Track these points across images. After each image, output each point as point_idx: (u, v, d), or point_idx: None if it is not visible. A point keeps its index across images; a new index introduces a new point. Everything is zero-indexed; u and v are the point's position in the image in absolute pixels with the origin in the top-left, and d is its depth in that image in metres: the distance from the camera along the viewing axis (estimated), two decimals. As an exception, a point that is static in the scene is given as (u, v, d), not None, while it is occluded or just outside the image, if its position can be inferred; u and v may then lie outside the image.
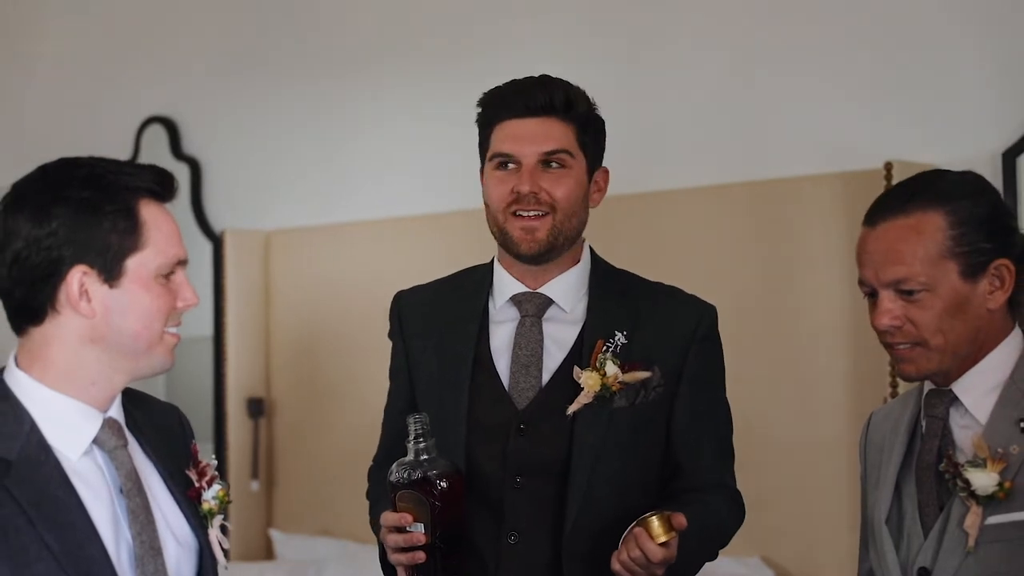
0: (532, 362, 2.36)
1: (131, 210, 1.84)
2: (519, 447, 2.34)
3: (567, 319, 2.39)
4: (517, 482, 2.34)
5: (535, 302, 2.39)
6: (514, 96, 2.38)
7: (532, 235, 2.34)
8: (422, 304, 2.49)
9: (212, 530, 1.95)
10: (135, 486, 1.85)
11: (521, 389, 2.36)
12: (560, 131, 2.36)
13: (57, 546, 1.76)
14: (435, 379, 2.40)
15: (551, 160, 2.35)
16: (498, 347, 2.39)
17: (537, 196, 2.33)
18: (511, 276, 2.41)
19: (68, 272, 1.81)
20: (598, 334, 2.35)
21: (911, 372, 2.06)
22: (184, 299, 1.90)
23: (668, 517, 2.18)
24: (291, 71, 4.90)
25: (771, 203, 3.85)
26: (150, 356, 1.88)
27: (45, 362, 1.84)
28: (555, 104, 2.35)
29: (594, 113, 2.42)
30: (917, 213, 2.02)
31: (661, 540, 2.17)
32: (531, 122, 2.36)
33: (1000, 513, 1.95)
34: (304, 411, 4.75)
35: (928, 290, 2.01)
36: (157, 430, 1.96)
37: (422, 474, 2.21)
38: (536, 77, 2.41)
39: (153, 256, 1.85)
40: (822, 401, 3.75)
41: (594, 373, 2.31)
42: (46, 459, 1.80)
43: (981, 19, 3.63)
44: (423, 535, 2.20)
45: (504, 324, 2.40)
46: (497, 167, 2.38)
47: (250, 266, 4.82)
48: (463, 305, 2.43)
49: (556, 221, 2.34)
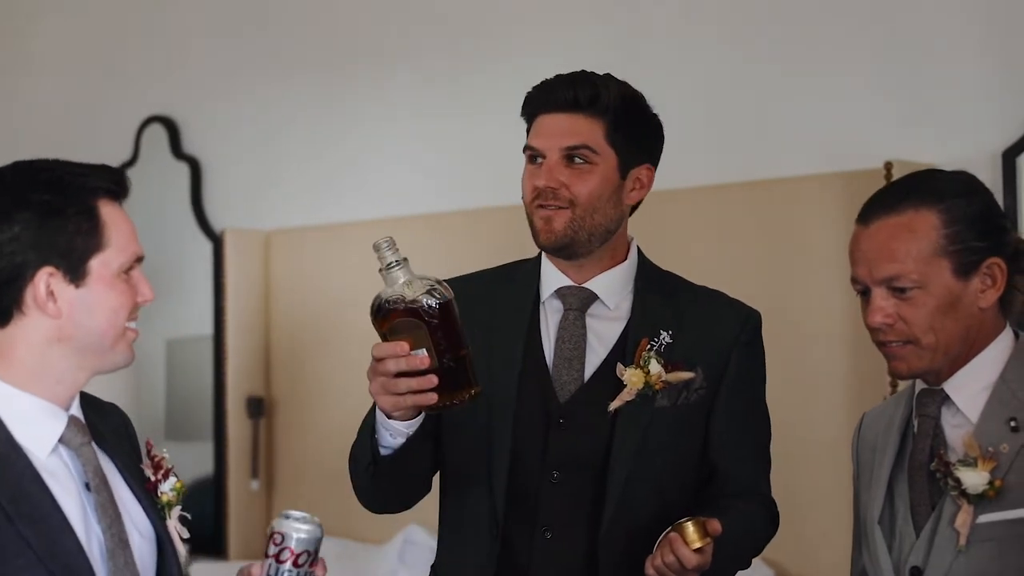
0: (575, 356, 2.35)
1: (92, 211, 1.86)
2: (558, 440, 2.33)
3: (611, 316, 2.38)
4: (554, 476, 2.32)
5: (579, 296, 2.38)
6: (545, 91, 2.39)
7: (549, 225, 2.34)
8: (467, 295, 2.41)
9: (171, 521, 1.97)
10: (101, 481, 1.87)
11: (564, 382, 2.35)
12: (586, 127, 2.35)
13: (35, 541, 1.77)
14: (483, 370, 2.31)
15: (574, 155, 2.35)
16: (545, 339, 2.38)
17: (556, 191, 2.33)
18: (556, 269, 2.41)
19: (34, 275, 1.83)
20: (642, 332, 2.34)
21: (902, 370, 2.06)
22: (143, 295, 1.92)
23: (703, 523, 2.16)
24: (292, 71, 4.90)
25: (771, 203, 3.85)
26: (114, 352, 1.90)
27: (11, 362, 1.86)
28: (580, 100, 2.35)
29: (635, 110, 2.41)
30: (910, 211, 2.03)
31: (696, 546, 2.15)
32: (559, 117, 2.36)
33: (991, 512, 1.96)
34: (304, 410, 4.75)
35: (921, 288, 2.01)
36: (109, 428, 1.99)
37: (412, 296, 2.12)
38: (571, 73, 2.41)
39: (115, 255, 1.87)
40: (822, 401, 3.75)
41: (638, 371, 2.30)
42: (16, 457, 1.81)
43: (981, 19, 3.63)
44: (427, 357, 2.09)
45: (551, 316, 2.40)
46: (528, 161, 2.39)
47: (250, 266, 4.82)
48: (511, 297, 2.43)
49: (575, 216, 2.34)
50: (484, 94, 4.42)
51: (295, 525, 1.90)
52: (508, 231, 4.12)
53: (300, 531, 1.90)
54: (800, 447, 3.77)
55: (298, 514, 1.91)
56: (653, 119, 2.45)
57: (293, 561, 1.90)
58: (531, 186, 2.36)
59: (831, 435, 3.67)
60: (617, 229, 2.39)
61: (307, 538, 1.91)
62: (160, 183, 5.01)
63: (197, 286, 4.86)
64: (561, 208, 2.33)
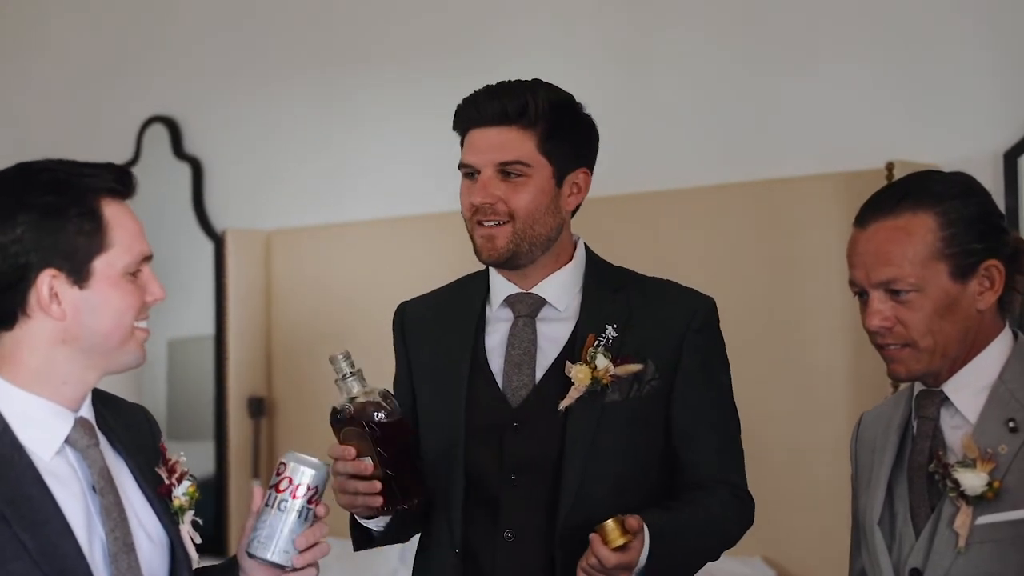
0: (525, 360, 2.36)
1: (95, 211, 1.85)
2: (513, 445, 2.34)
3: (561, 317, 2.39)
4: (512, 480, 2.33)
5: (527, 302, 2.39)
6: (472, 106, 2.37)
7: (492, 243, 2.34)
8: (423, 313, 2.50)
9: (184, 526, 1.96)
10: (107, 484, 1.86)
11: (515, 388, 2.36)
12: (517, 140, 2.33)
13: (32, 544, 1.77)
14: (435, 385, 2.41)
15: (508, 170, 2.34)
16: (493, 348, 2.39)
17: (493, 207, 2.33)
18: (503, 279, 2.41)
19: (37, 277, 1.82)
20: (590, 330, 2.34)
21: (901, 373, 2.06)
22: (152, 294, 1.91)
23: (622, 520, 2.16)
24: (293, 71, 4.90)
25: (771, 203, 3.85)
26: (122, 353, 1.89)
27: (17, 364, 1.85)
28: (508, 113, 2.33)
29: (566, 116, 2.37)
30: (907, 214, 2.02)
31: (615, 544, 2.15)
32: (489, 132, 2.34)
33: (990, 513, 1.95)
34: (305, 410, 4.75)
35: (918, 291, 2.01)
36: (127, 429, 1.97)
37: (356, 408, 2.22)
38: (498, 84, 2.39)
39: (120, 255, 1.86)
40: (822, 401, 3.75)
41: (584, 367, 2.30)
42: (19, 458, 1.80)
43: (982, 19, 3.63)
44: (369, 464, 2.21)
45: (499, 325, 2.41)
46: (465, 176, 2.39)
47: (251, 266, 4.83)
48: (461, 311, 2.44)
49: (516, 229, 2.33)
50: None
51: (304, 457, 1.98)
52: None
53: (307, 463, 1.98)
54: (800, 447, 3.77)
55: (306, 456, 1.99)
56: (585, 121, 2.41)
57: (291, 492, 1.96)
58: (468, 203, 2.36)
59: (831, 435, 3.67)
60: (559, 236, 2.38)
61: (313, 473, 1.98)
62: (161, 183, 5.01)
63: (198, 286, 4.87)
64: (501, 224, 2.33)
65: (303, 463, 1.97)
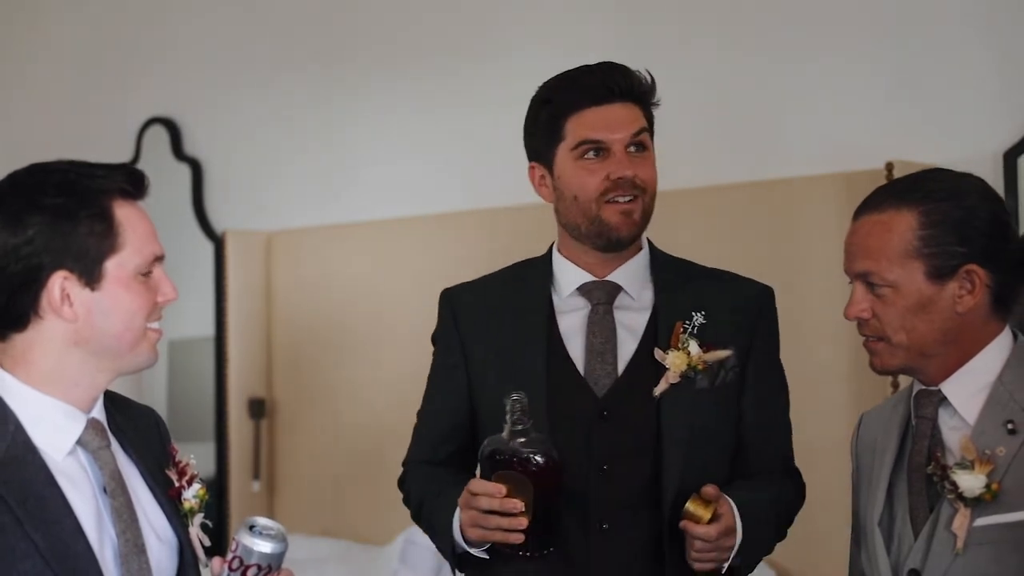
0: (607, 349, 2.36)
1: (106, 212, 1.85)
2: (604, 434, 2.33)
3: (635, 306, 2.39)
4: (604, 469, 2.32)
5: (605, 290, 2.39)
6: (594, 83, 2.37)
7: (631, 217, 2.35)
8: (478, 300, 2.46)
9: (193, 528, 1.96)
10: (118, 485, 1.86)
11: (597, 376, 2.35)
12: (639, 114, 2.39)
13: (44, 544, 1.77)
14: (506, 372, 2.35)
15: (637, 143, 2.37)
16: (569, 336, 2.38)
17: (632, 180, 2.34)
18: (576, 266, 2.41)
19: (48, 278, 1.82)
20: (671, 318, 2.35)
21: (876, 366, 2.09)
22: (164, 294, 1.91)
23: (697, 496, 2.21)
24: (293, 72, 4.90)
25: (771, 203, 3.85)
26: (134, 354, 1.89)
27: (30, 365, 1.85)
28: (633, 89, 2.38)
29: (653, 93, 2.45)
30: (891, 210, 2.03)
31: (706, 519, 2.19)
32: (615, 107, 2.36)
33: (988, 515, 1.95)
34: (305, 411, 4.75)
35: (891, 287, 2.02)
36: (137, 431, 1.98)
37: (524, 453, 2.19)
38: (604, 64, 2.41)
39: (131, 256, 1.86)
40: (823, 401, 3.75)
41: (680, 353, 2.32)
42: (32, 459, 1.81)
43: (982, 19, 3.63)
44: (519, 503, 2.17)
45: (571, 314, 2.39)
46: (582, 156, 2.36)
47: (251, 267, 4.83)
48: (526, 297, 2.42)
49: (646, 203, 2.37)
50: (485, 94, 4.42)
51: (253, 539, 1.88)
52: (512, 231, 4.13)
53: (256, 544, 1.89)
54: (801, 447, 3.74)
55: (263, 525, 1.90)
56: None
57: (241, 572, 1.89)
58: (598, 180, 2.34)
59: (832, 435, 3.67)
60: None
61: (261, 552, 1.88)
62: (161, 184, 4.95)
63: (198, 287, 4.87)
64: (636, 198, 2.35)
65: (254, 544, 1.88)
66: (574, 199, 2.36)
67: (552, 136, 2.38)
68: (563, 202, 2.39)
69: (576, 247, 2.40)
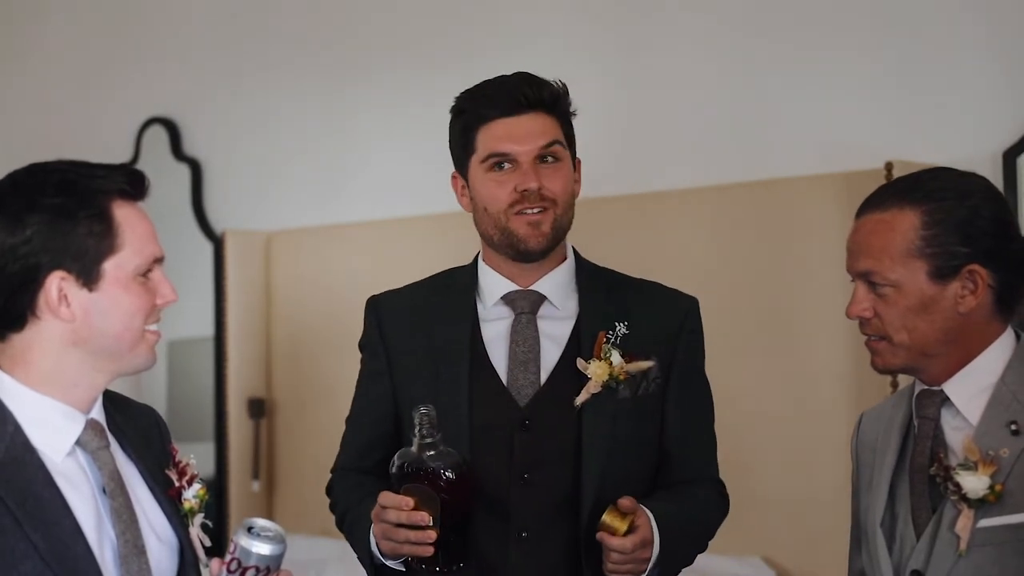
0: (530, 358, 2.36)
1: (105, 213, 1.84)
2: (525, 443, 2.33)
3: (559, 315, 2.40)
4: (524, 478, 2.33)
5: (528, 299, 2.39)
6: (502, 94, 2.36)
7: (539, 229, 2.34)
8: (403, 307, 2.47)
9: (193, 528, 1.96)
10: (118, 486, 1.86)
11: (520, 386, 2.35)
12: (550, 125, 2.36)
13: (43, 545, 1.77)
14: (430, 381, 2.37)
15: (547, 154, 2.35)
16: (492, 345, 2.39)
17: (539, 192, 2.33)
18: (500, 276, 2.41)
19: (46, 279, 1.82)
20: (594, 328, 2.36)
21: (878, 365, 2.08)
22: (163, 296, 1.91)
23: (613, 508, 2.21)
24: (293, 72, 4.90)
25: (771, 203, 3.85)
26: (132, 355, 1.89)
27: (27, 365, 1.85)
28: (543, 99, 2.35)
29: (568, 104, 2.41)
30: (893, 209, 2.03)
31: (622, 531, 2.19)
32: (523, 119, 2.35)
33: (991, 516, 1.95)
34: (305, 411, 4.75)
35: (893, 287, 2.02)
36: (137, 431, 1.97)
37: (432, 467, 2.18)
38: (516, 75, 2.40)
39: (130, 257, 1.86)
40: (822, 401, 3.75)
41: (602, 363, 2.32)
42: (31, 459, 1.80)
43: (982, 19, 3.63)
44: (426, 516, 2.17)
45: (495, 323, 2.40)
46: (491, 168, 2.36)
47: (251, 267, 4.83)
48: (451, 306, 2.43)
49: (557, 215, 2.35)
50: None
51: (251, 541, 1.88)
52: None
53: (254, 546, 1.88)
54: (801, 447, 3.77)
55: (261, 526, 1.90)
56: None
57: (240, 573, 1.88)
58: (506, 192, 2.34)
59: (832, 435, 3.67)
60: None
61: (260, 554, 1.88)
62: (161, 184, 4.93)
63: (198, 287, 4.87)
64: (545, 209, 2.34)
65: (252, 545, 1.88)
66: (485, 211, 2.37)
67: (466, 147, 2.40)
68: (477, 213, 2.40)
69: (496, 257, 2.41)
